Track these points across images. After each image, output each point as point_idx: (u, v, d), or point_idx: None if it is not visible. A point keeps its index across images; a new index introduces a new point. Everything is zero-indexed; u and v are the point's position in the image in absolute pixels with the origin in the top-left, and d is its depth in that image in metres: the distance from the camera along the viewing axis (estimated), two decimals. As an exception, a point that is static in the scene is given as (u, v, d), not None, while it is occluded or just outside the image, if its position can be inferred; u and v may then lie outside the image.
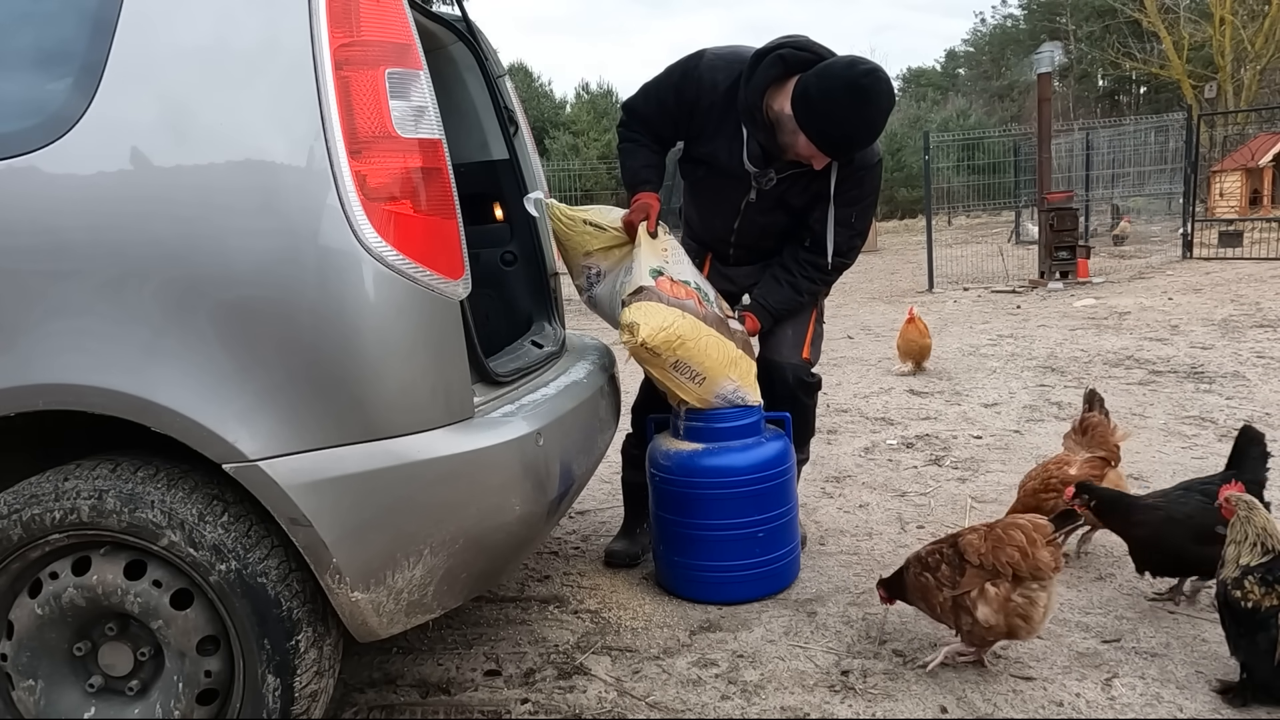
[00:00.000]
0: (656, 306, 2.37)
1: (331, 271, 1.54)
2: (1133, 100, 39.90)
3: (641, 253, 2.49)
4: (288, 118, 1.55)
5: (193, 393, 1.53)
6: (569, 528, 3.29)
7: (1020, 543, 2.03)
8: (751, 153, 2.53)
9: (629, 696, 2.11)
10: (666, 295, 2.41)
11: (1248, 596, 1.91)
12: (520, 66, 37.79)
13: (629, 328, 2.33)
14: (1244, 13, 24.21)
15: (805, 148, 2.42)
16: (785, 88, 2.41)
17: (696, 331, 2.41)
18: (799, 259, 2.73)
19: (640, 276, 2.43)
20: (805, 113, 2.35)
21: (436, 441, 1.63)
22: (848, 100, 2.30)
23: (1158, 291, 9.13)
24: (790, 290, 2.73)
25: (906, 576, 2.18)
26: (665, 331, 2.34)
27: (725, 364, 2.47)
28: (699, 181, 2.77)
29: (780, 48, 2.40)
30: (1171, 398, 4.67)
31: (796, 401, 2.76)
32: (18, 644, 1.66)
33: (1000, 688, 2.06)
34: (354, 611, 1.63)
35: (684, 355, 2.39)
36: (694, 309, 2.44)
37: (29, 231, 1.57)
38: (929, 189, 11.91)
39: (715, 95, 2.50)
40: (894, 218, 28.78)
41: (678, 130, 2.64)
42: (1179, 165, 14.41)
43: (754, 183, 2.61)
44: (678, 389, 2.48)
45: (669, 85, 2.58)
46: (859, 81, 2.29)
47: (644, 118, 2.64)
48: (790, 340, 2.78)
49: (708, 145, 2.60)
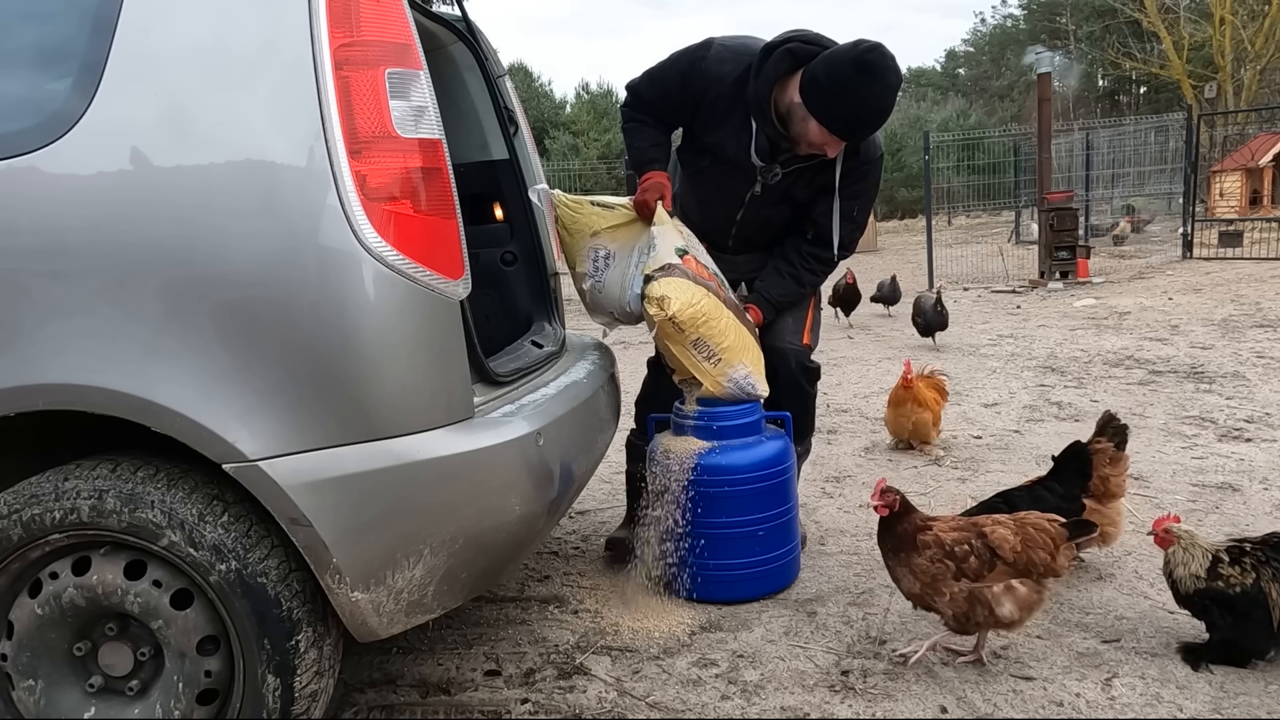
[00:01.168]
0: (684, 282, 2.38)
1: (331, 271, 1.54)
2: (1133, 100, 39.90)
3: (665, 231, 2.50)
4: (288, 118, 1.55)
5: (193, 393, 1.53)
6: (569, 528, 3.29)
7: (1048, 544, 2.06)
8: (760, 146, 2.53)
9: (629, 696, 2.10)
10: (693, 273, 2.43)
11: (1231, 583, 2.05)
12: (520, 66, 37.82)
13: (659, 301, 2.34)
14: (1244, 13, 24.20)
15: (818, 134, 2.40)
16: (794, 80, 2.41)
17: (719, 312, 2.43)
18: (801, 251, 2.74)
19: (667, 254, 2.44)
20: (815, 97, 2.35)
21: (436, 442, 1.63)
22: (856, 78, 2.30)
23: (1158, 291, 9.14)
24: (793, 283, 2.75)
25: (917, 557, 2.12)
26: (693, 307, 2.36)
27: (741, 348, 2.49)
28: (702, 171, 2.75)
29: (788, 41, 2.41)
30: (1171, 398, 4.67)
31: (798, 387, 2.78)
32: (18, 644, 1.66)
33: (1000, 688, 2.06)
34: (354, 611, 1.63)
35: (705, 334, 2.40)
36: (716, 290, 2.47)
37: (29, 231, 1.57)
38: (929, 189, 11.93)
39: (723, 87, 2.50)
40: (894, 218, 28.78)
41: (679, 118, 2.65)
42: (1179, 165, 14.42)
43: (759, 176, 2.61)
44: (693, 368, 2.47)
45: (675, 74, 2.57)
46: (864, 58, 2.29)
47: (647, 102, 2.64)
48: (791, 327, 2.81)
49: (713, 136, 2.60)
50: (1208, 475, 3.41)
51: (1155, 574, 2.60)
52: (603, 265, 2.61)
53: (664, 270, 2.40)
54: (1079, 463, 2.53)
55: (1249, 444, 3.79)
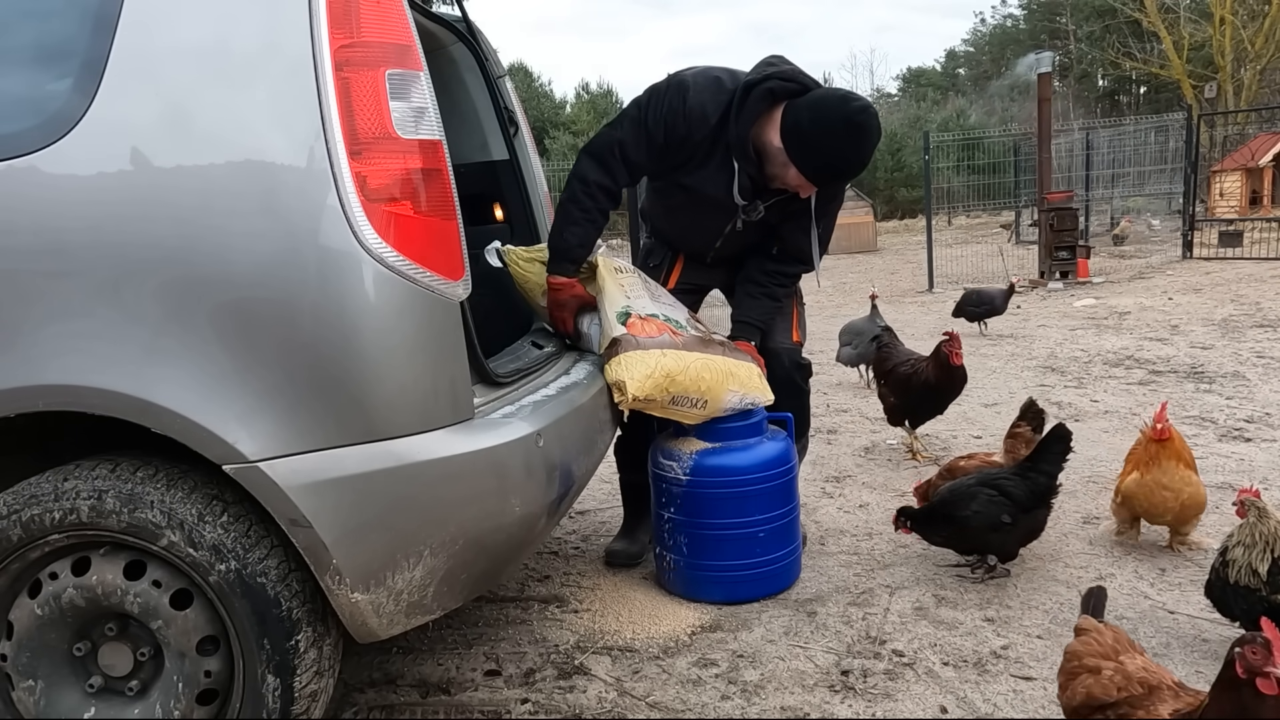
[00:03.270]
0: (636, 355, 2.31)
1: (332, 272, 1.54)
2: (1133, 100, 39.92)
3: (605, 298, 2.43)
4: (288, 118, 1.55)
5: (193, 394, 1.53)
6: (569, 528, 3.30)
7: None
8: (742, 187, 2.51)
9: (629, 696, 2.11)
10: (640, 337, 2.36)
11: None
12: (520, 66, 37.85)
13: (616, 386, 2.29)
14: (1244, 13, 24.22)
15: (796, 179, 2.44)
16: (773, 117, 2.42)
17: (682, 363, 2.37)
18: (766, 270, 2.76)
19: (611, 327, 2.36)
20: (799, 148, 2.38)
21: (436, 442, 1.62)
22: (845, 136, 2.35)
23: (1158, 291, 9.14)
24: (768, 301, 2.78)
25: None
26: (652, 378, 2.30)
27: (721, 380, 2.44)
28: (678, 205, 2.72)
29: (767, 79, 2.40)
30: (1171, 398, 4.67)
31: (794, 386, 2.80)
32: (18, 644, 1.66)
33: (1000, 688, 2.06)
34: (354, 612, 1.63)
35: (678, 390, 2.36)
36: (670, 341, 2.40)
37: (29, 232, 1.57)
38: (929, 189, 11.92)
39: (706, 129, 2.45)
40: (894, 218, 28.79)
41: (664, 164, 2.55)
42: (1179, 165, 14.42)
43: (743, 214, 2.60)
44: (685, 418, 2.46)
45: (658, 121, 2.44)
46: (855, 119, 2.34)
47: (634, 161, 2.49)
48: (780, 327, 2.83)
49: (692, 176, 2.55)
50: (1208, 475, 3.40)
51: (1155, 574, 2.60)
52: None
53: (612, 347, 2.33)
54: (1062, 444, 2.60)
55: (1249, 444, 3.79)
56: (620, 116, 2.54)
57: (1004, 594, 2.53)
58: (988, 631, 2.32)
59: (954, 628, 2.35)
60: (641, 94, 2.52)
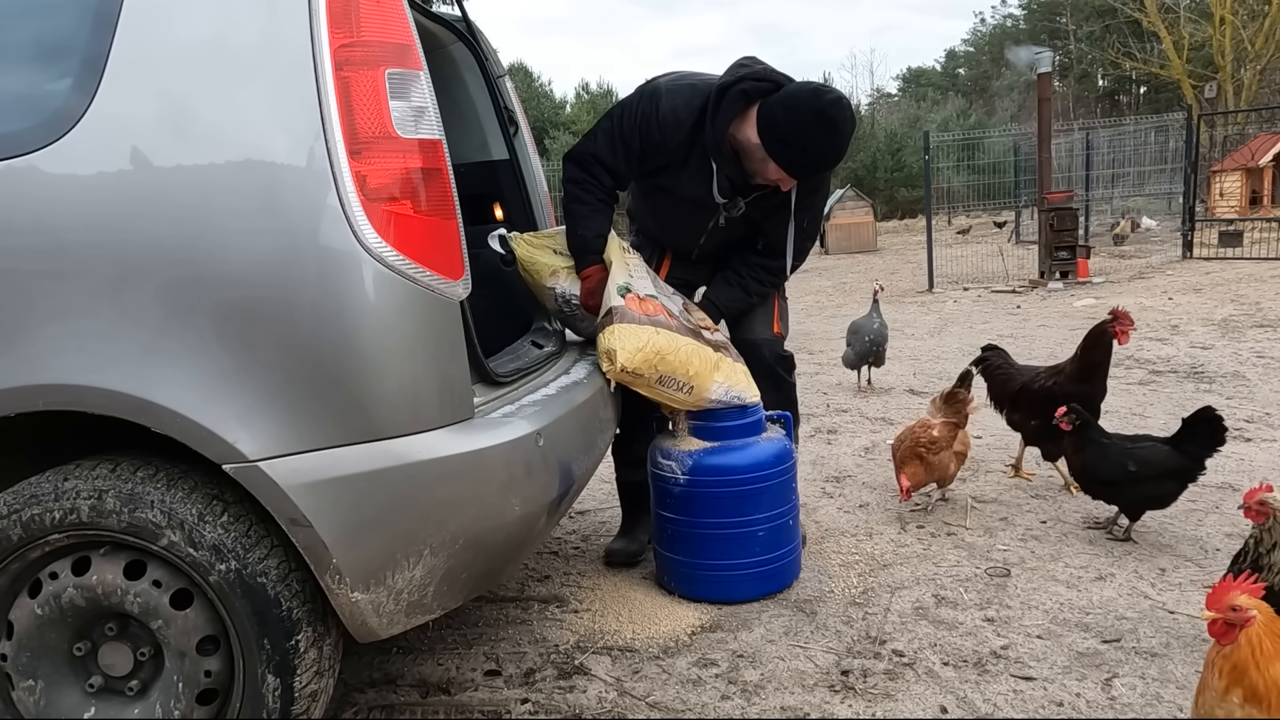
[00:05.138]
0: (629, 327, 2.34)
1: (331, 272, 1.54)
2: (1133, 100, 39.93)
3: (609, 271, 2.47)
4: (288, 117, 1.54)
5: (193, 393, 1.53)
6: (569, 528, 3.29)
7: None
8: (721, 186, 2.56)
9: (629, 696, 2.11)
10: (636, 312, 2.39)
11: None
12: (520, 67, 37.87)
13: (606, 354, 2.31)
14: (1244, 13, 24.23)
15: (775, 173, 2.48)
16: (749, 116, 2.46)
17: (674, 344, 2.40)
18: (749, 263, 2.80)
19: (609, 297, 2.41)
20: (775, 143, 2.41)
21: (436, 442, 1.62)
22: (817, 128, 2.38)
23: (1158, 291, 9.14)
24: (740, 291, 2.80)
25: None
26: (643, 351, 2.32)
27: (709, 368, 2.46)
28: (660, 204, 2.77)
29: (740, 81, 2.44)
30: (1171, 398, 4.67)
31: (776, 377, 2.82)
32: (18, 644, 1.65)
33: (1000, 688, 2.06)
34: (354, 612, 1.63)
35: (666, 370, 2.38)
36: (665, 323, 2.43)
37: (29, 231, 1.57)
38: (929, 189, 11.92)
39: (682, 133, 2.50)
40: (894, 218, 28.79)
41: (643, 169, 2.61)
42: (1179, 165, 14.41)
43: (724, 211, 2.64)
44: (669, 401, 2.47)
45: (633, 129, 2.50)
46: (827, 112, 2.37)
47: (610, 169, 2.55)
48: (760, 319, 2.86)
49: (672, 178, 2.60)
50: (1208, 475, 3.39)
51: (1155, 574, 2.61)
52: (567, 310, 2.57)
53: (607, 316, 2.36)
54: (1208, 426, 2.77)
55: (1249, 444, 3.78)
56: (593, 130, 2.59)
57: (1004, 594, 2.53)
58: (988, 631, 2.32)
59: (954, 628, 2.35)
60: (614, 106, 2.60)
